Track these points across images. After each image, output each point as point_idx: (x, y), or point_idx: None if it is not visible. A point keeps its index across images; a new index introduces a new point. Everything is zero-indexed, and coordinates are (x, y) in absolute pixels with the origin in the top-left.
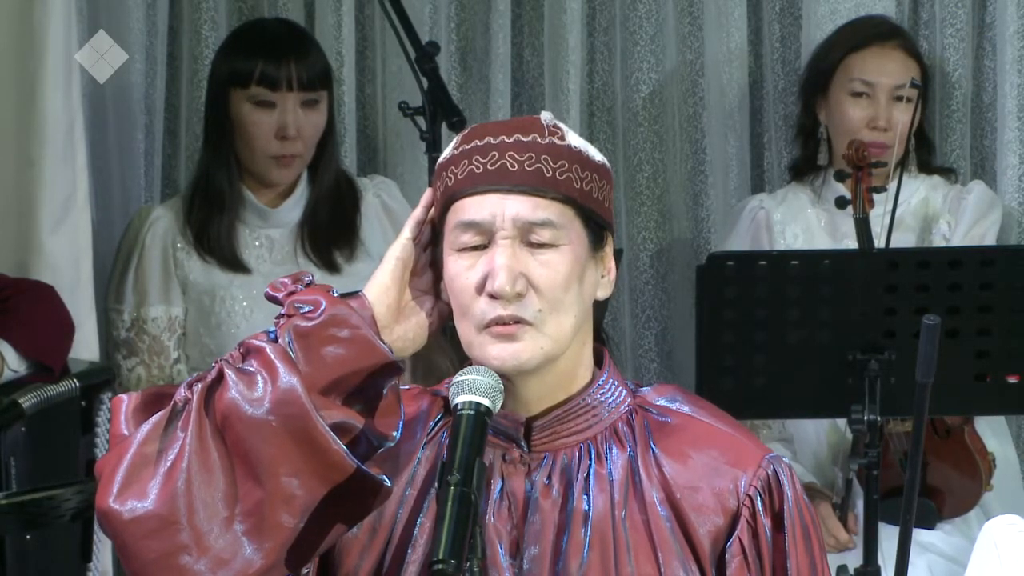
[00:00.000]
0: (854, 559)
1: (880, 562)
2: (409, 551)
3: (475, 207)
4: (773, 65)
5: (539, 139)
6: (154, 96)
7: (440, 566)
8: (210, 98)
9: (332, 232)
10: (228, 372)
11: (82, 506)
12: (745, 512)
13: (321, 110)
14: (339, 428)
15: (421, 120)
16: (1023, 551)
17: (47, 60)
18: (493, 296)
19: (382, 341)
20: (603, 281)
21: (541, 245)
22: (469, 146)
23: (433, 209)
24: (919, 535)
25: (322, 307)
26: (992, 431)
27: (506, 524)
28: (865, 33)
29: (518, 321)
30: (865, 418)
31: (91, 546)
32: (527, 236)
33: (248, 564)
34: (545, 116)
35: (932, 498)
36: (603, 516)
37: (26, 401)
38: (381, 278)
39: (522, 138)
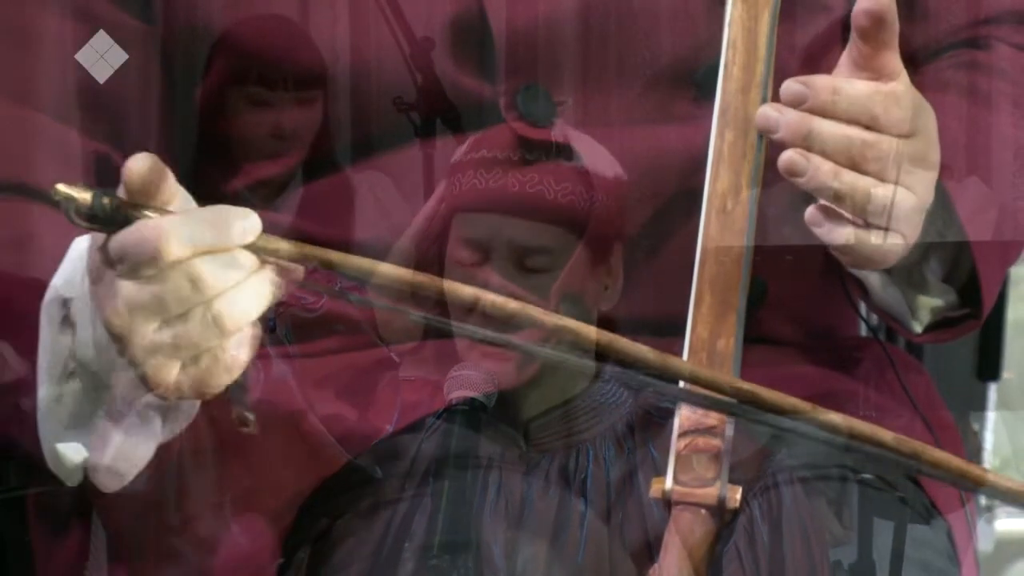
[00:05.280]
0: (849, 555)
1: (874, 558)
2: (406, 544)
3: (473, 225)
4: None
5: (544, 156)
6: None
7: (434, 562)
8: (204, 95)
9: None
10: None
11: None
12: (742, 517)
13: (316, 108)
14: (331, 420)
15: (416, 116)
16: None
17: (47, 60)
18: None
19: (379, 336)
20: (606, 293)
21: (535, 270)
22: (477, 155)
23: (444, 204)
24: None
25: (322, 299)
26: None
27: (502, 524)
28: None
29: None
30: (861, 414)
31: (90, 546)
32: (522, 260)
33: (236, 550)
34: (555, 126)
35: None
36: (599, 518)
37: None
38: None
39: (527, 155)
